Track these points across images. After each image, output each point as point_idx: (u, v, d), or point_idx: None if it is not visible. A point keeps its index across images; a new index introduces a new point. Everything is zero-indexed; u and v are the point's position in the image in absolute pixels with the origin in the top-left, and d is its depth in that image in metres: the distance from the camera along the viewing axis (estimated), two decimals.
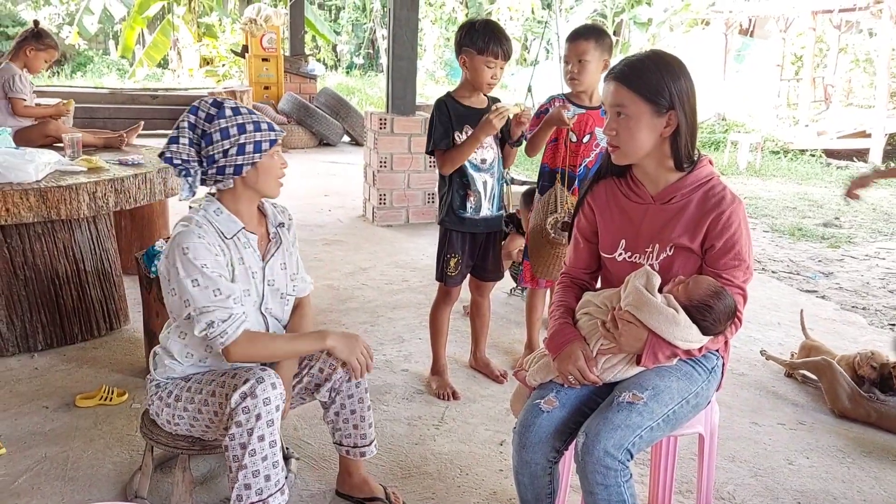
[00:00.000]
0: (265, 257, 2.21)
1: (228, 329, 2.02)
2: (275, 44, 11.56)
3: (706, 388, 2.01)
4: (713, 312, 1.88)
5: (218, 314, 2.02)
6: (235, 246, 2.13)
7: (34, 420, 2.93)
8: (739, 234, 1.94)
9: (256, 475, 2.00)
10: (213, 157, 2.07)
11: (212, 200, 2.16)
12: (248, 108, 2.14)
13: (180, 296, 2.03)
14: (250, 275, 2.16)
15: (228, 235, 2.12)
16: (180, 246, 2.02)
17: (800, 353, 3.62)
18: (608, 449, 1.77)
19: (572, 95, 3.26)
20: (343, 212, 6.94)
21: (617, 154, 1.99)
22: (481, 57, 2.97)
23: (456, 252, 3.19)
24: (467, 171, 3.09)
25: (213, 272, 2.02)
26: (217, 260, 2.05)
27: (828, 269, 5.80)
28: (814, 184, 10.08)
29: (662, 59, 1.95)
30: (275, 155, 2.14)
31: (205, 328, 2.02)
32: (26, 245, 3.45)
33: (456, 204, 3.13)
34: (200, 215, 2.11)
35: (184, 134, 2.09)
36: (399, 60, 6.30)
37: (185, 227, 2.06)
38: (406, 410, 3.15)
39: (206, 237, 2.06)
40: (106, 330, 3.78)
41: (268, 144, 2.09)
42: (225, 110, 2.08)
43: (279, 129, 2.16)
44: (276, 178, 2.18)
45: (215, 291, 2.02)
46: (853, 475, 2.80)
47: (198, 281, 2.01)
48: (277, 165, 2.16)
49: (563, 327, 2.04)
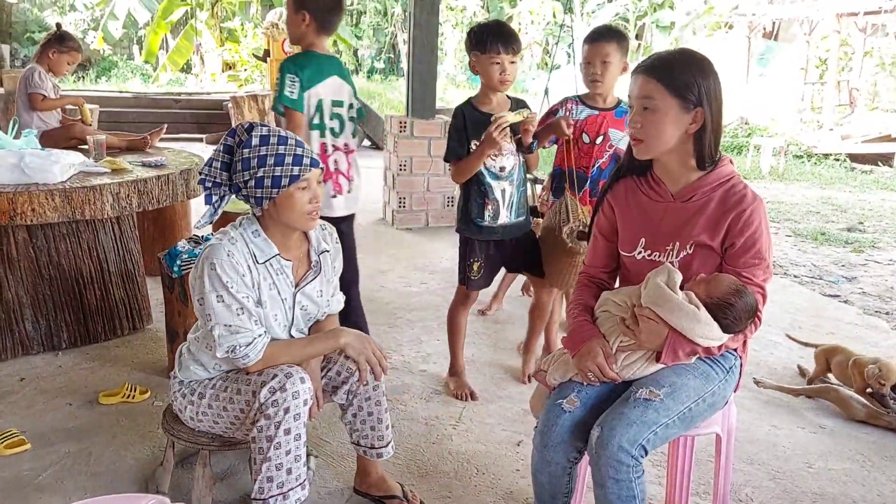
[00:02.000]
0: (299, 283, 2.20)
1: (251, 353, 2.06)
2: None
3: (723, 388, 2.00)
4: (734, 310, 1.88)
5: (241, 338, 2.04)
6: (267, 271, 2.12)
7: (58, 417, 2.97)
8: (760, 232, 1.94)
9: (280, 468, 2.03)
10: (238, 186, 2.08)
11: (252, 220, 2.14)
12: (280, 136, 2.06)
13: (204, 308, 2.06)
14: (281, 300, 2.16)
15: (260, 260, 2.10)
16: (209, 259, 2.03)
17: (816, 360, 3.57)
18: (622, 444, 1.78)
19: (587, 97, 3.25)
20: (362, 215, 6.93)
21: (640, 148, 1.98)
22: (486, 55, 2.95)
23: (478, 257, 3.17)
24: (485, 180, 3.06)
25: (239, 292, 2.03)
26: (243, 280, 2.05)
27: (851, 274, 5.75)
28: (838, 188, 9.98)
29: (693, 56, 1.95)
30: (296, 191, 2.05)
31: (227, 352, 2.05)
32: (51, 245, 3.51)
33: (473, 212, 3.10)
34: (238, 232, 2.11)
35: (218, 157, 2.10)
36: (419, 64, 6.33)
37: (219, 241, 2.07)
38: (424, 410, 3.16)
39: (235, 255, 2.05)
40: (129, 329, 3.83)
41: (287, 181, 2.03)
42: (252, 139, 2.04)
43: (310, 161, 2.06)
44: (302, 212, 2.08)
45: (238, 311, 2.03)
46: (873, 479, 2.77)
47: (222, 298, 2.02)
48: (303, 201, 2.07)
49: (582, 325, 2.05)
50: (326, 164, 3.08)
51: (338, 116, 3.15)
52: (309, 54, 3.09)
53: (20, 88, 4.64)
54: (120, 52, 22.68)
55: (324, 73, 3.08)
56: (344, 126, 3.18)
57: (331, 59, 3.19)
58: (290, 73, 2.98)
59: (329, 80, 3.09)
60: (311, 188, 2.08)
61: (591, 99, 3.25)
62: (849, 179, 10.64)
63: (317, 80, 3.04)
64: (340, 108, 3.16)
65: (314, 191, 2.09)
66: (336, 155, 3.16)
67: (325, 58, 3.13)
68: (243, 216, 2.17)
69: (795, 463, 2.85)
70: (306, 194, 2.07)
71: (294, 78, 2.98)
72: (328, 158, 3.10)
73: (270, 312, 2.14)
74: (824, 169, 11.35)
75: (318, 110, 3.06)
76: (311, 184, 2.08)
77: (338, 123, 3.15)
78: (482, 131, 2.97)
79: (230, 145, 2.09)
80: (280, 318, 2.17)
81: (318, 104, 3.06)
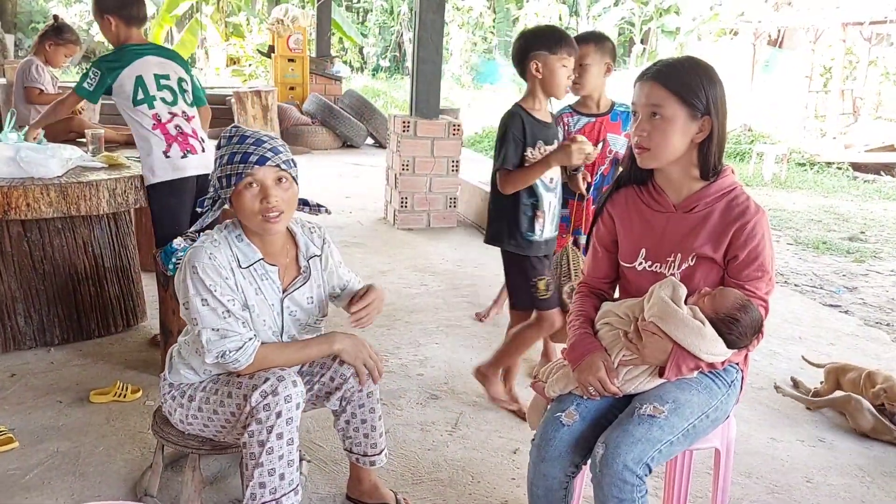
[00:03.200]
0: (287, 289, 2.16)
1: (241, 357, 2.02)
2: (301, 45, 11.59)
3: (725, 402, 1.97)
4: (740, 326, 1.84)
5: (230, 343, 2.00)
6: (252, 276, 2.08)
7: (48, 414, 2.94)
8: (763, 245, 1.90)
9: (272, 473, 2.00)
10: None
11: (237, 224, 2.09)
12: (242, 135, 1.99)
13: (190, 313, 2.02)
14: (269, 306, 2.12)
15: (244, 264, 2.06)
16: (191, 263, 2.00)
17: (826, 378, 3.52)
18: (627, 463, 1.74)
19: (580, 105, 3.21)
20: (364, 214, 6.94)
21: (645, 156, 1.94)
22: (555, 56, 2.77)
23: (542, 274, 2.93)
24: (538, 190, 2.85)
25: (223, 295, 1.99)
26: (227, 283, 2.01)
27: (852, 284, 5.71)
28: (840, 197, 9.93)
29: (699, 63, 1.92)
30: (244, 190, 1.96)
31: (217, 357, 2.01)
32: (46, 240, 3.47)
33: (524, 226, 2.87)
34: (222, 235, 2.07)
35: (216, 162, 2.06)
36: (424, 64, 6.29)
37: (201, 244, 2.03)
38: (420, 416, 3.12)
39: (218, 258, 2.01)
40: (123, 326, 3.80)
41: (234, 179, 1.95)
42: (221, 140, 2.03)
43: (257, 158, 1.95)
44: (252, 212, 1.98)
45: (224, 314, 2.00)
46: (873, 495, 2.73)
47: (207, 301, 1.99)
48: (251, 200, 1.97)
49: (584, 337, 2.01)
50: (167, 130, 3.34)
51: (167, 87, 3.39)
52: (122, 48, 3.35)
53: (17, 81, 4.61)
54: None
55: (134, 55, 3.33)
56: (177, 96, 3.42)
57: (147, 45, 3.45)
58: (95, 68, 3.30)
59: (145, 58, 3.34)
60: (260, 187, 1.97)
61: (584, 106, 3.21)
62: (851, 188, 10.60)
63: (126, 62, 3.30)
64: (168, 81, 3.40)
65: (266, 190, 1.96)
66: (176, 120, 3.40)
67: (138, 46, 3.38)
68: (231, 220, 2.13)
69: (794, 477, 2.82)
70: (254, 192, 1.97)
71: (97, 72, 3.28)
72: (167, 125, 3.35)
73: (259, 318, 2.09)
74: (827, 177, 11.30)
75: (139, 86, 3.31)
76: (259, 181, 1.96)
77: (169, 93, 3.39)
78: (538, 139, 2.84)
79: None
80: (269, 323, 2.13)
81: (138, 80, 3.31)
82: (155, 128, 3.34)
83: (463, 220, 6.79)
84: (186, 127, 3.42)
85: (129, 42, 3.36)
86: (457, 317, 4.25)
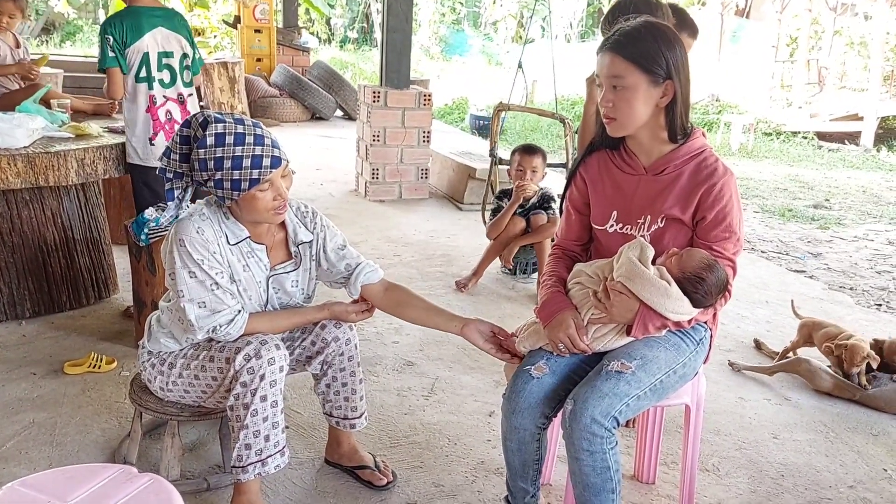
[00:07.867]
0: (275, 267, 2.16)
1: (232, 330, 2.04)
2: (267, 15, 11.41)
3: (693, 360, 2.02)
4: (705, 285, 1.89)
5: (220, 318, 2.02)
6: (240, 252, 2.08)
7: (22, 386, 2.92)
8: (731, 206, 1.94)
9: (257, 435, 2.02)
10: (199, 182, 2.02)
11: (220, 204, 2.07)
12: (236, 133, 1.92)
13: (176, 284, 2.03)
14: (255, 283, 2.13)
15: (232, 242, 2.07)
16: (178, 236, 2.00)
17: (799, 330, 3.59)
18: (595, 416, 1.79)
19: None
20: (335, 186, 6.91)
21: (613, 126, 1.97)
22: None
23: None
24: None
25: (212, 268, 2.00)
26: (215, 256, 2.02)
27: (816, 250, 5.83)
28: (805, 166, 10.09)
29: (657, 27, 1.93)
30: (258, 192, 1.96)
31: (208, 333, 2.03)
32: (13, 211, 3.42)
33: None
34: (211, 210, 2.06)
35: (176, 148, 2.00)
36: (393, 33, 6.25)
37: (189, 216, 2.02)
38: (396, 382, 3.15)
39: (206, 231, 2.01)
40: (95, 299, 3.77)
41: (247, 185, 1.94)
42: (206, 138, 1.92)
43: (270, 161, 1.94)
44: (265, 210, 2.00)
45: (212, 286, 2.00)
46: (836, 450, 2.83)
47: (195, 274, 2.00)
48: (266, 200, 1.99)
49: (555, 296, 2.04)
50: (158, 115, 3.32)
51: (168, 67, 3.34)
52: (128, 10, 3.27)
53: None
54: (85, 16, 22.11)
55: (143, 27, 3.25)
56: (175, 77, 3.37)
57: (156, 10, 3.33)
58: (106, 35, 3.20)
59: (153, 33, 3.26)
60: (274, 187, 1.99)
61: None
62: (816, 157, 10.76)
63: (136, 35, 3.23)
64: (170, 59, 3.34)
65: (278, 188, 1.99)
66: (168, 105, 3.37)
67: (147, 11, 3.28)
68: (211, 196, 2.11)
69: (761, 434, 2.90)
70: (269, 193, 1.99)
71: (109, 40, 3.20)
72: (159, 109, 3.32)
73: (245, 293, 2.11)
74: (792, 147, 11.46)
75: (144, 63, 3.25)
76: (273, 182, 1.98)
77: (168, 74, 3.35)
78: None
79: (186, 136, 1.98)
80: (255, 298, 2.14)
81: (144, 58, 3.26)
82: (148, 110, 3.35)
83: (435, 192, 6.79)
84: (177, 113, 3.40)
85: (136, 2, 3.28)
86: (431, 286, 4.28)
